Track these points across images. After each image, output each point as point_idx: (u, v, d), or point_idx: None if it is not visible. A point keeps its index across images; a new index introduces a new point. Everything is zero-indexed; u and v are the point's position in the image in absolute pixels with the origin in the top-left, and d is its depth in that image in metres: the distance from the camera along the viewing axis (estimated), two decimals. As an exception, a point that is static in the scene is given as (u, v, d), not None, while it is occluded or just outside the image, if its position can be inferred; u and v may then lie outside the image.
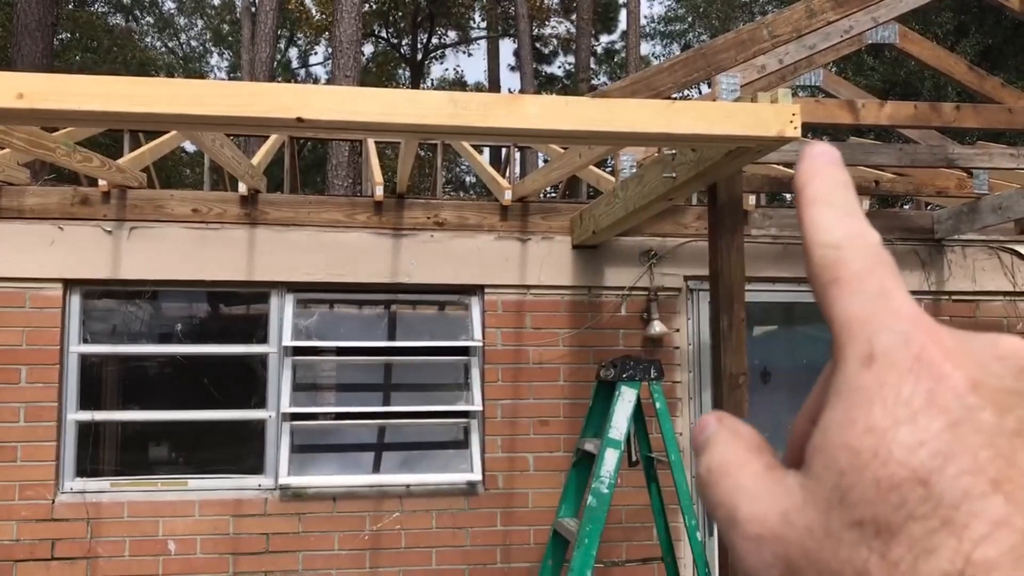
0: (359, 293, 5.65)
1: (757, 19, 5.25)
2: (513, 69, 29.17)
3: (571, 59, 28.36)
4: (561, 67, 31.32)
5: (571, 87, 25.98)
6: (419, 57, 28.93)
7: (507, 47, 29.27)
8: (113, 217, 5.28)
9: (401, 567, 5.36)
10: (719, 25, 25.04)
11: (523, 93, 21.48)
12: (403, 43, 29.24)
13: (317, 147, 21.88)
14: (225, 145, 4.70)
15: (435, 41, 29.75)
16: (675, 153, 4.08)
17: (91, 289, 5.33)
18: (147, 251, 5.29)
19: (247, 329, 5.60)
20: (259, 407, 5.44)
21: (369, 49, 27.61)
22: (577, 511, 4.84)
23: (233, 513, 5.24)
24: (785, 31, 4.19)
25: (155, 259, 5.29)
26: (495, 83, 26.94)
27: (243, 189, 5.40)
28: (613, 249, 5.72)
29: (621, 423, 4.46)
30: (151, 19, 30.20)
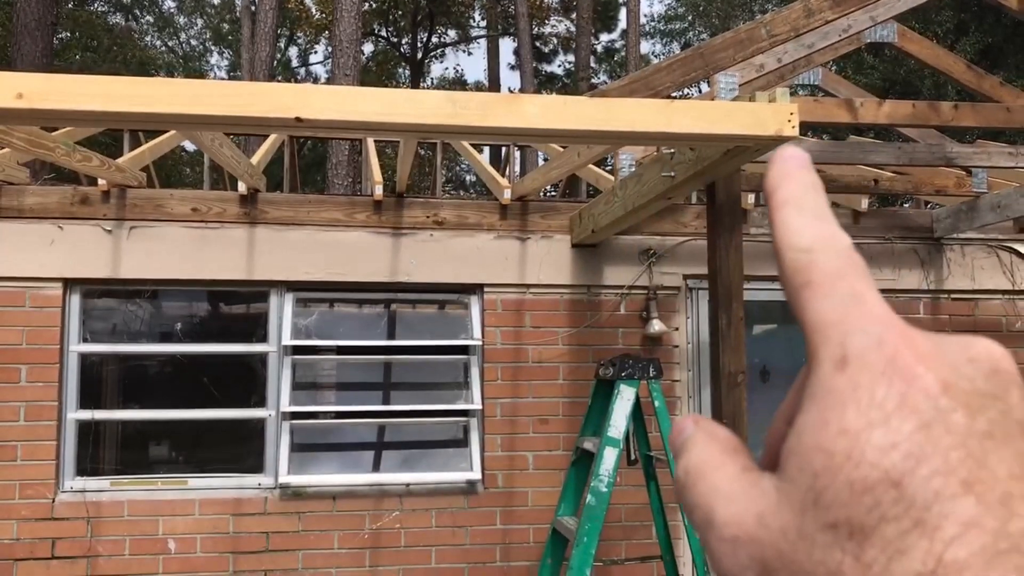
0: (359, 292, 5.65)
1: (756, 18, 5.26)
2: (513, 68, 29.19)
3: (571, 58, 28.36)
4: (561, 66, 31.35)
5: (571, 86, 25.97)
6: (419, 56, 28.92)
7: (507, 46, 29.31)
8: (113, 216, 5.28)
9: (401, 566, 5.37)
10: (719, 24, 25.04)
11: (523, 92, 21.48)
12: (403, 42, 29.24)
13: (317, 146, 21.88)
14: (224, 144, 4.71)
15: (435, 40, 29.76)
16: (674, 152, 4.08)
17: (91, 288, 5.34)
18: (147, 250, 5.30)
19: (247, 328, 5.61)
20: (259, 406, 5.45)
21: (369, 48, 27.63)
22: (576, 509, 4.84)
23: (233, 512, 5.24)
24: (783, 30, 4.19)
25: (155, 258, 5.30)
26: (495, 82, 26.94)
27: (243, 188, 5.40)
28: (612, 248, 5.72)
29: (620, 422, 4.47)
30: (151, 18, 30.21)
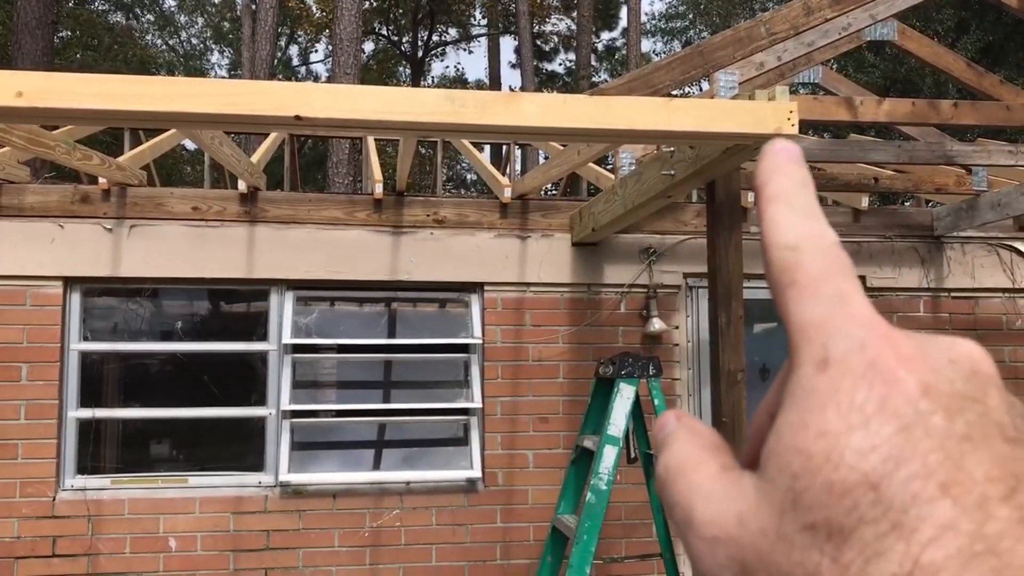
0: (359, 291, 5.66)
1: (756, 16, 5.25)
2: (514, 66, 29.18)
3: (572, 56, 28.34)
4: (562, 64, 31.33)
5: (572, 84, 25.97)
6: (420, 54, 28.91)
7: (508, 44, 29.32)
8: (113, 215, 5.29)
9: (401, 564, 5.37)
10: (720, 22, 25.04)
11: (524, 90, 21.48)
12: (403, 40, 29.23)
13: (317, 144, 21.88)
14: (224, 143, 4.71)
15: (435, 38, 29.74)
16: (673, 151, 4.09)
17: (91, 287, 5.34)
18: (147, 249, 5.30)
19: (247, 327, 5.61)
20: (259, 404, 5.45)
21: (369, 47, 27.63)
22: (576, 508, 4.85)
23: (233, 510, 5.25)
24: (783, 28, 4.19)
25: (155, 257, 5.30)
26: (496, 80, 26.94)
27: (243, 187, 5.40)
28: (612, 246, 5.73)
29: (620, 420, 4.47)
30: (151, 17, 30.20)
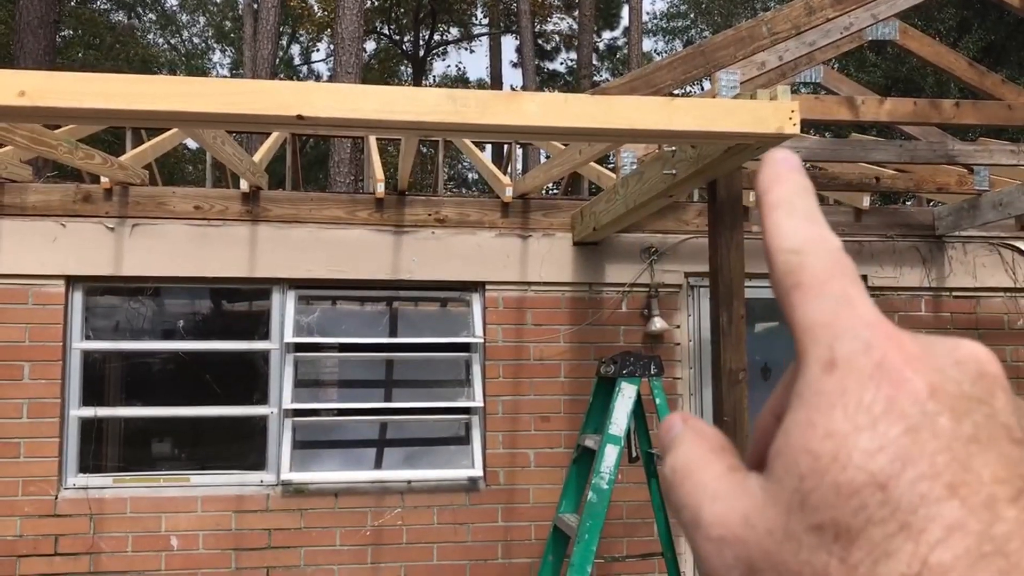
0: (360, 290, 5.66)
1: (758, 16, 5.25)
2: (515, 66, 29.15)
3: (573, 55, 28.34)
4: (563, 63, 31.34)
5: (573, 84, 25.96)
6: (421, 54, 28.91)
7: (509, 44, 29.29)
8: (115, 214, 5.30)
9: (402, 563, 5.38)
10: (722, 21, 25.02)
11: (525, 90, 21.47)
12: (405, 40, 29.23)
13: (319, 144, 21.90)
14: (227, 142, 4.72)
15: (437, 38, 29.74)
16: (675, 150, 4.09)
17: (93, 286, 5.35)
18: (149, 248, 5.31)
19: (249, 326, 5.62)
20: (261, 403, 5.46)
21: (371, 46, 27.63)
22: (577, 507, 4.85)
23: (235, 509, 5.26)
24: (784, 28, 4.20)
25: (157, 256, 5.31)
26: (497, 80, 26.93)
27: (245, 186, 5.41)
28: (614, 246, 5.73)
29: (621, 419, 4.47)
30: (153, 16, 30.22)
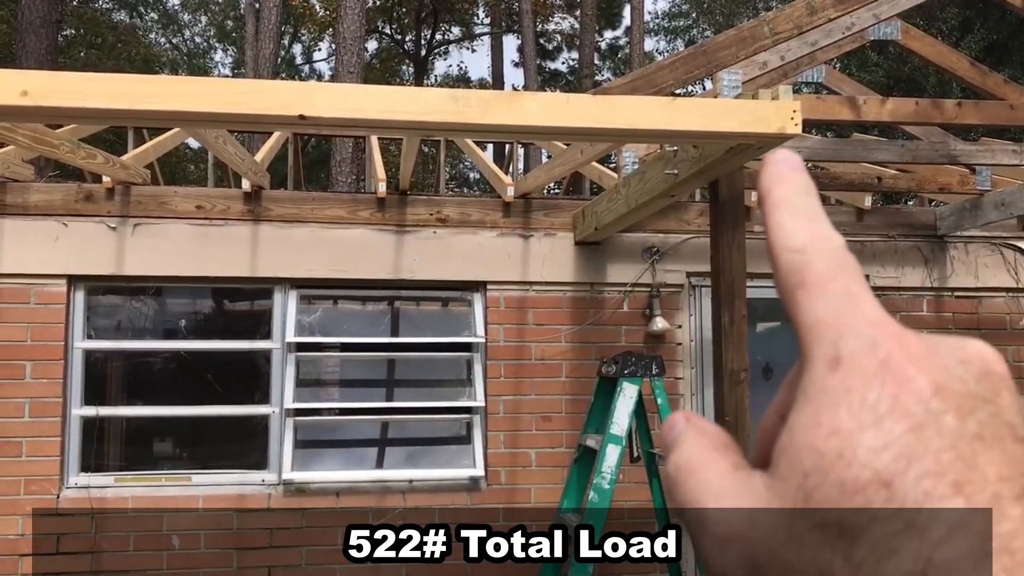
0: (362, 289, 5.67)
1: (760, 15, 5.26)
2: (517, 65, 29.13)
3: (575, 55, 28.32)
4: (565, 63, 31.31)
5: (575, 83, 25.95)
6: (423, 53, 28.91)
7: (511, 43, 29.20)
8: (117, 213, 5.30)
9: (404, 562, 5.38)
10: (723, 21, 25.00)
11: (526, 89, 21.47)
12: (407, 39, 29.23)
13: (321, 143, 21.89)
14: (228, 142, 4.72)
15: (439, 37, 29.74)
16: (677, 150, 4.09)
17: (95, 285, 5.35)
18: (151, 247, 5.31)
19: (250, 325, 5.62)
20: (263, 403, 5.46)
21: (373, 45, 27.63)
22: (579, 507, 4.85)
23: (237, 508, 5.26)
24: (786, 28, 4.19)
25: (159, 255, 5.31)
26: (499, 79, 26.92)
27: (247, 186, 5.41)
28: (615, 245, 5.73)
29: (623, 419, 4.47)
30: (155, 15, 30.24)
